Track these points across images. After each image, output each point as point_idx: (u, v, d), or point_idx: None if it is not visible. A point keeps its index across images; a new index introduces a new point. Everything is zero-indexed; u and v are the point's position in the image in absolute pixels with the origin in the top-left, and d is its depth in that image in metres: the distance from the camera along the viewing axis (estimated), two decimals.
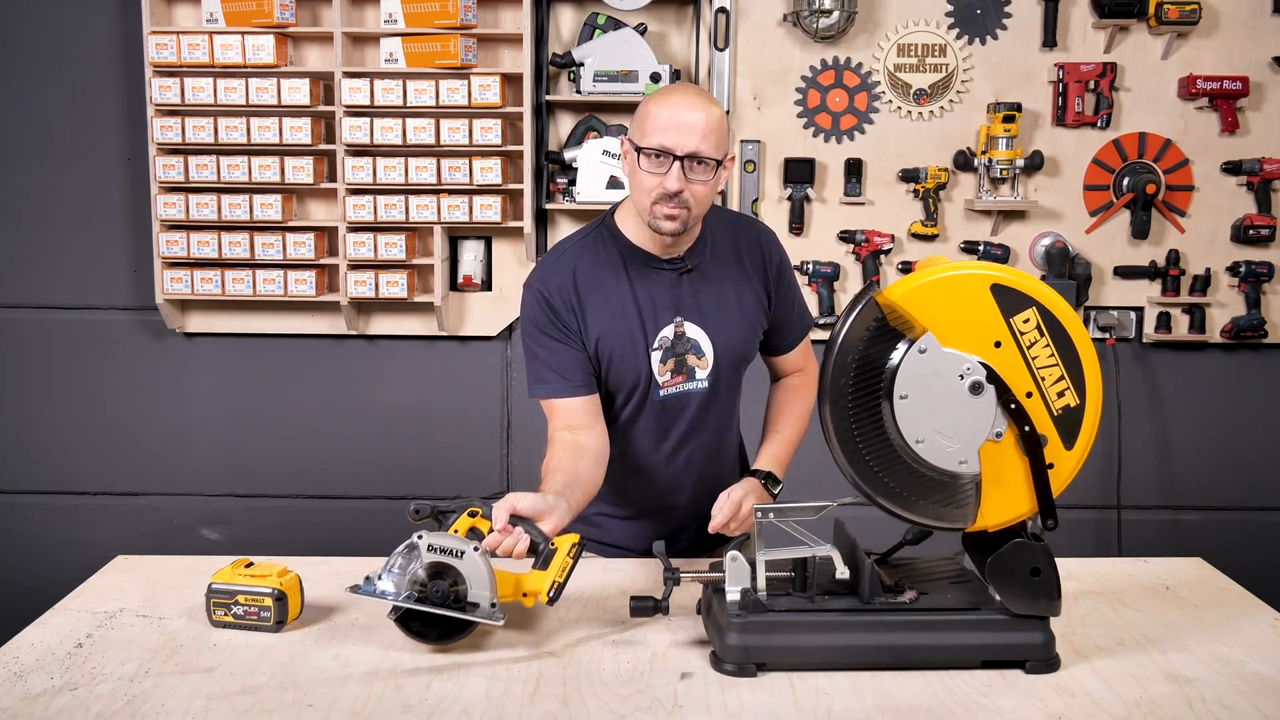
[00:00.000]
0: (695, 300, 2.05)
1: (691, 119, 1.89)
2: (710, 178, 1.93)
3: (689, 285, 2.05)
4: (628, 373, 2.03)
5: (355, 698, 1.55)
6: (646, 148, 1.91)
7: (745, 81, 3.47)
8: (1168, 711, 1.54)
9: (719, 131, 1.92)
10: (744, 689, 1.59)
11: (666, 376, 2.05)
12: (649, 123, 1.92)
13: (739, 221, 2.18)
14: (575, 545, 1.76)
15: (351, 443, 3.65)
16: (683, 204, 1.92)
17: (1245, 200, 3.53)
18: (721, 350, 2.07)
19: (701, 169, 1.91)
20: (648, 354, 2.03)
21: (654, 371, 2.04)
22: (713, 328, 2.06)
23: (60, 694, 1.56)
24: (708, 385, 2.08)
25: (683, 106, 1.91)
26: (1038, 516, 1.64)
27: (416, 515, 1.75)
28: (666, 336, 2.04)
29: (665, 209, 1.93)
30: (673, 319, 2.04)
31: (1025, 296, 1.58)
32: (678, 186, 1.90)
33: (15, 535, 3.69)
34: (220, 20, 3.34)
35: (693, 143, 1.89)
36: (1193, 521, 3.69)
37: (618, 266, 2.04)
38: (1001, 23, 3.46)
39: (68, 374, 3.64)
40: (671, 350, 2.04)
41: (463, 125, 3.35)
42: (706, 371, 2.07)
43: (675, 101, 1.93)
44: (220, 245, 3.41)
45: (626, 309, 2.02)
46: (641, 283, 2.03)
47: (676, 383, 2.06)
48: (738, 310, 2.09)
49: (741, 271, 2.10)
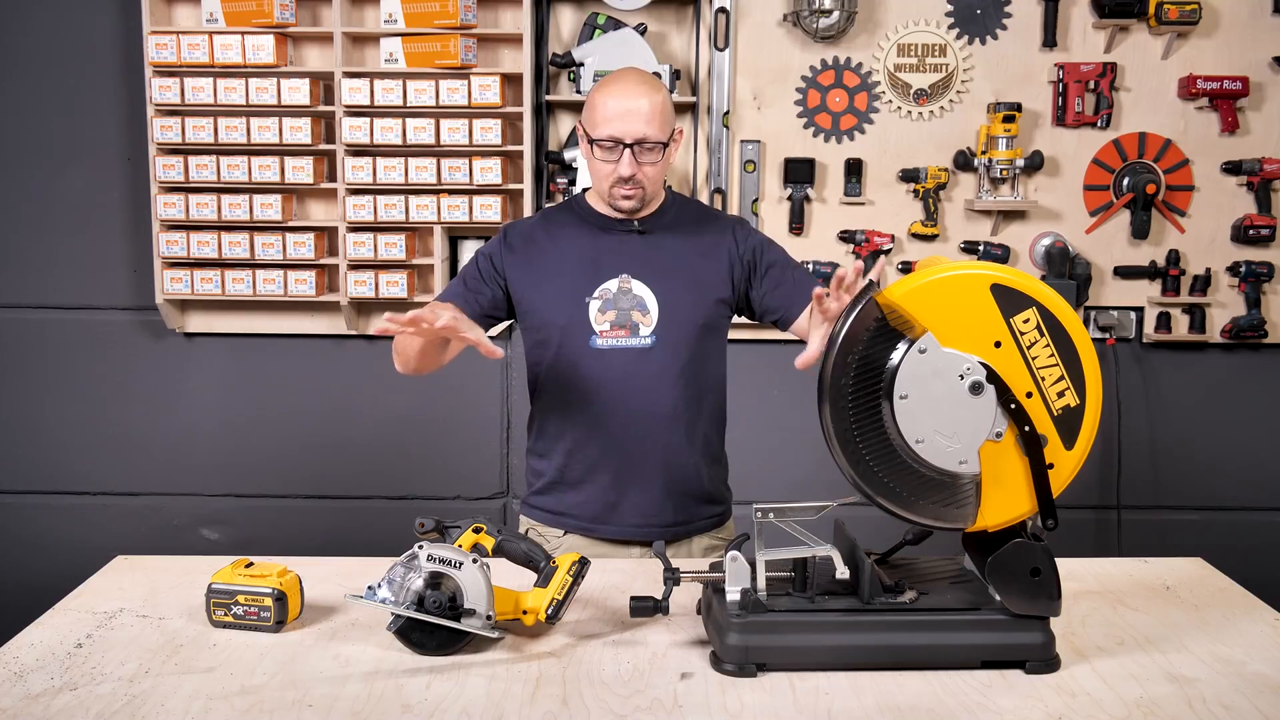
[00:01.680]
0: (646, 260, 2.17)
1: (635, 107, 2.06)
2: (659, 158, 2.11)
3: (642, 245, 2.19)
4: (557, 314, 2.16)
5: (355, 698, 1.55)
6: (597, 139, 2.09)
7: (745, 81, 3.48)
8: (1168, 711, 1.54)
9: (663, 114, 2.09)
10: (744, 689, 1.59)
11: (605, 326, 2.15)
12: (597, 114, 2.10)
13: (709, 212, 2.34)
14: (575, 564, 1.77)
15: (351, 443, 3.65)
16: (637, 185, 2.12)
17: (1245, 200, 3.53)
18: (669, 311, 2.16)
19: (650, 152, 2.10)
20: (585, 301, 2.15)
21: (591, 319, 2.15)
22: (660, 287, 2.16)
23: (60, 694, 1.56)
24: (653, 342, 2.15)
25: (626, 95, 2.08)
26: (1038, 516, 1.64)
27: (422, 529, 1.76)
28: (609, 289, 2.16)
29: (622, 191, 2.13)
30: (619, 274, 2.16)
31: (1025, 296, 1.58)
32: (630, 171, 2.09)
33: (15, 535, 3.69)
34: (220, 20, 3.34)
35: (639, 129, 2.07)
36: (1193, 521, 3.69)
37: (579, 225, 2.23)
38: (1001, 23, 3.46)
39: (68, 374, 3.64)
40: (614, 303, 2.16)
41: (463, 125, 3.35)
42: (650, 329, 2.15)
43: (619, 91, 2.09)
44: (220, 245, 3.41)
45: (572, 256, 2.19)
46: (594, 238, 2.20)
47: (617, 335, 2.15)
48: (689, 276, 2.18)
49: (702, 252, 2.21)
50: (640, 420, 2.17)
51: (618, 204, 2.15)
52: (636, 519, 2.20)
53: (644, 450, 2.18)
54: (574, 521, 2.23)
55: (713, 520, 2.29)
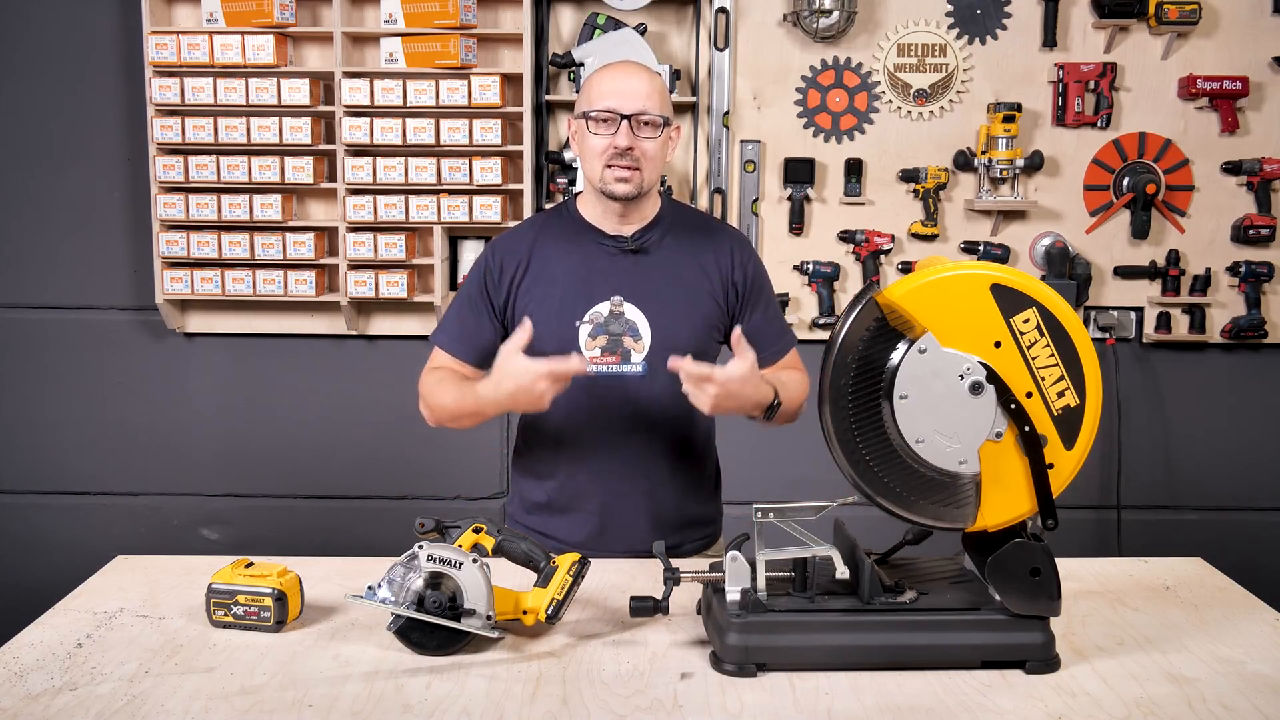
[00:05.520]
0: (638, 282, 2.07)
1: (634, 83, 2.02)
2: (657, 136, 2.02)
3: (635, 265, 2.09)
4: (547, 340, 2.02)
5: (355, 698, 1.55)
6: (593, 111, 2.01)
7: (745, 81, 3.48)
8: (1168, 711, 1.54)
9: (662, 94, 2.04)
10: (744, 689, 1.59)
11: (595, 353, 2.06)
12: (593, 90, 2.04)
13: (703, 223, 2.20)
14: (575, 564, 1.77)
15: (351, 443, 3.65)
16: (634, 162, 2.00)
17: (1245, 200, 3.53)
18: (659, 335, 2.06)
19: (648, 128, 2.01)
20: (574, 326, 2.06)
21: (580, 344, 2.06)
22: (653, 312, 2.07)
23: (60, 694, 1.56)
24: (644, 371, 2.07)
25: (624, 73, 2.04)
26: (1038, 516, 1.64)
27: (422, 529, 1.76)
28: (600, 313, 2.06)
29: (617, 170, 2.01)
30: (610, 296, 2.06)
31: (1025, 296, 1.58)
32: (628, 143, 1.99)
33: (15, 535, 3.69)
34: (220, 20, 3.34)
35: (638, 103, 2.00)
36: (1193, 521, 3.69)
37: (569, 239, 2.11)
38: (1001, 23, 3.46)
39: (68, 374, 3.64)
40: (604, 328, 2.06)
41: (463, 125, 3.35)
42: (642, 355, 2.07)
43: (616, 71, 2.06)
44: (220, 245, 3.41)
45: (562, 278, 2.08)
46: (585, 257, 2.09)
47: (608, 361, 2.06)
48: (684, 300, 2.09)
49: (694, 270, 2.11)
50: (629, 451, 2.10)
51: (611, 187, 2.01)
52: (622, 546, 2.12)
53: (633, 481, 2.12)
54: (560, 545, 2.14)
55: (701, 543, 2.24)
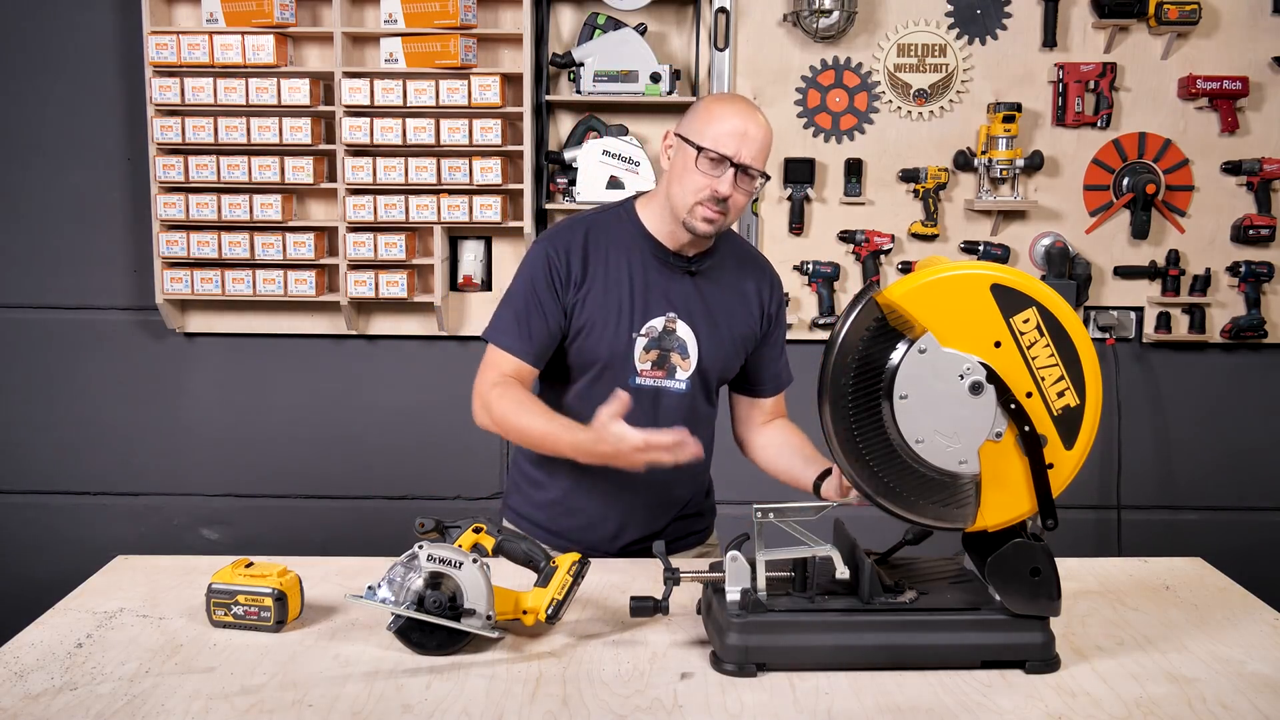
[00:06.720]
0: (692, 303, 2.09)
1: (754, 132, 1.98)
2: (752, 189, 2.01)
3: (691, 286, 2.10)
4: (602, 347, 2.05)
5: (355, 698, 1.55)
6: (709, 149, 1.96)
7: (745, 81, 3.47)
8: (1168, 711, 1.54)
9: (769, 148, 2.02)
10: (744, 689, 1.59)
11: (647, 366, 2.08)
12: (712, 126, 1.98)
13: (752, 255, 2.24)
14: (575, 564, 1.77)
15: (351, 443, 3.65)
16: (724, 209, 1.99)
17: (1245, 200, 3.53)
18: (706, 358, 2.10)
19: (747, 180, 1.99)
20: (630, 336, 2.06)
21: (634, 356, 2.06)
22: (702, 334, 2.10)
23: (60, 694, 1.56)
24: (686, 389, 2.10)
25: (747, 118, 1.98)
26: (1038, 516, 1.64)
27: (422, 529, 1.76)
28: (655, 327, 2.08)
29: (707, 211, 1.99)
30: (666, 312, 2.07)
31: (1025, 296, 1.58)
32: (729, 192, 1.97)
33: (15, 535, 3.69)
34: (220, 20, 3.34)
35: (750, 154, 1.97)
36: (1193, 521, 3.69)
37: (627, 247, 2.09)
38: (1001, 23, 3.46)
39: (68, 374, 3.64)
40: (657, 343, 2.08)
41: (463, 125, 3.35)
42: (688, 374, 2.10)
43: (740, 111, 2.00)
44: (220, 245, 3.41)
45: (622, 285, 2.06)
46: (644, 269, 2.08)
47: (655, 376, 2.09)
48: (728, 328, 2.13)
49: (740, 296, 2.15)
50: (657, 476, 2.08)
51: (695, 225, 2.00)
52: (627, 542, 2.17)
53: (653, 490, 2.13)
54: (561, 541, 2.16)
55: (699, 536, 2.29)
